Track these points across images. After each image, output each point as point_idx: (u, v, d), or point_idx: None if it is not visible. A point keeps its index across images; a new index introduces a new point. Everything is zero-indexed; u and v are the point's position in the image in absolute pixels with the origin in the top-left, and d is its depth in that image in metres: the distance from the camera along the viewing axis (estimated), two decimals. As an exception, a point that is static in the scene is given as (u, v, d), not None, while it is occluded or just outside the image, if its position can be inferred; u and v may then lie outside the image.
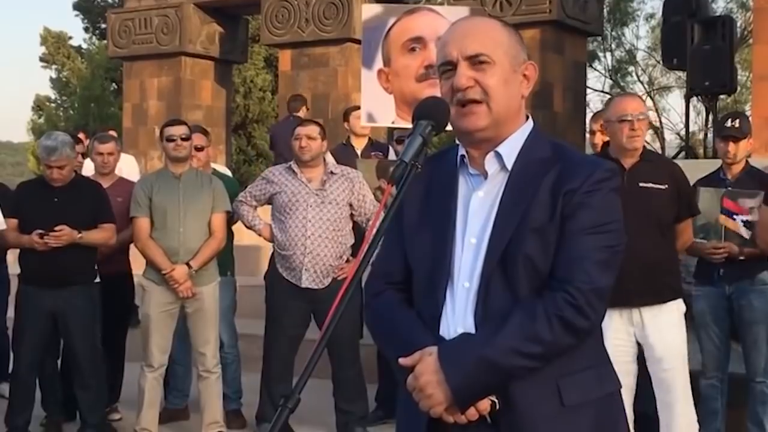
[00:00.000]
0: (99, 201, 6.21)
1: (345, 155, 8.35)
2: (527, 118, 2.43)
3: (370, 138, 9.07)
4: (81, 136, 9.09)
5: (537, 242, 2.25)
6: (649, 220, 4.77)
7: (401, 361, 2.27)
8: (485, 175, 2.36)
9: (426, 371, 2.22)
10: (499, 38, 2.34)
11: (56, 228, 5.91)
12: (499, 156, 2.34)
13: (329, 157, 7.74)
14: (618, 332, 4.82)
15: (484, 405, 2.24)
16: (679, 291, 4.94)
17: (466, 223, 2.34)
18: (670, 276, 4.92)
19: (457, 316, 2.30)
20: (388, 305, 2.41)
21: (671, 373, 4.88)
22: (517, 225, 2.25)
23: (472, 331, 2.27)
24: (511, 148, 2.35)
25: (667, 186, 4.85)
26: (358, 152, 8.69)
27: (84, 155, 6.89)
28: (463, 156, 2.39)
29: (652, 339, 4.84)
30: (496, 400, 2.24)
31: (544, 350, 2.20)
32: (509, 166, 2.33)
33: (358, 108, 8.74)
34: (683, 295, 4.99)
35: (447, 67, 2.34)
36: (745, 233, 5.47)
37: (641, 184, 4.81)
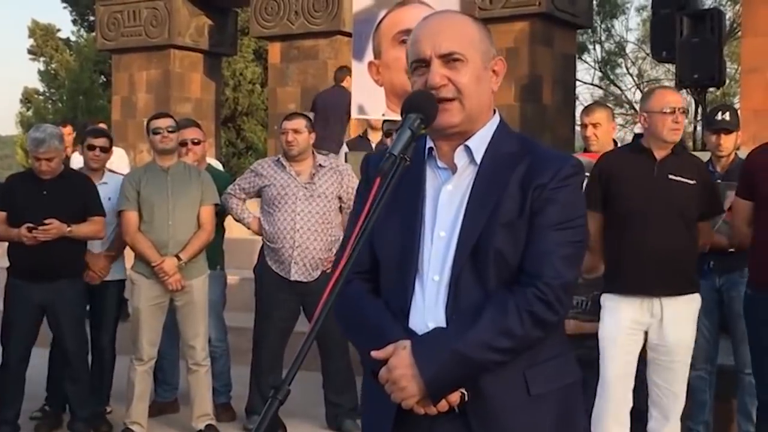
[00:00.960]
0: (88, 194, 6.19)
1: (361, 148, 8.37)
2: (494, 112, 2.44)
3: (366, 129, 9.06)
4: (67, 129, 9.02)
5: (507, 236, 2.28)
6: (674, 212, 4.80)
7: (374, 354, 2.29)
8: (454, 169, 2.38)
9: (400, 365, 2.24)
10: (470, 35, 2.35)
11: (45, 221, 5.89)
12: (468, 150, 2.36)
13: (344, 148, 7.73)
14: (635, 323, 4.87)
15: (455, 397, 2.28)
16: (695, 285, 4.97)
17: (435, 216, 2.36)
18: (689, 270, 4.94)
19: (428, 310, 2.33)
20: (356, 294, 2.42)
21: (679, 365, 4.93)
22: (488, 219, 2.28)
23: (443, 324, 2.30)
24: (479, 142, 2.37)
25: (695, 182, 4.86)
26: (373, 145, 8.69)
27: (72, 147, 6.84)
28: (431, 149, 2.41)
29: (667, 330, 4.86)
30: (466, 392, 2.28)
31: (515, 344, 2.25)
32: (478, 160, 2.36)
33: None
34: (699, 290, 5.02)
35: (420, 64, 2.35)
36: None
37: (671, 176, 4.83)
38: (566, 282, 2.28)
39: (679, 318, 4.88)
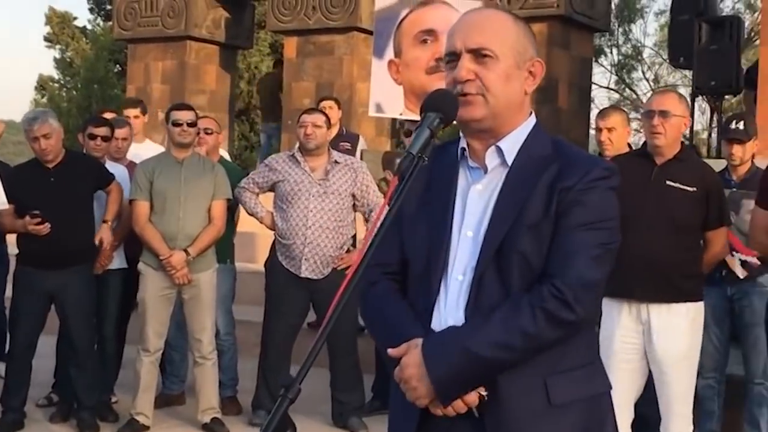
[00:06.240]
0: (95, 170, 6.20)
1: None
2: (530, 113, 2.42)
3: (342, 128, 8.99)
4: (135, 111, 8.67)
5: (531, 239, 2.26)
6: (668, 220, 4.68)
7: (390, 351, 2.29)
8: (485, 169, 2.36)
9: (410, 363, 2.24)
10: (506, 33, 2.33)
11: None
12: (500, 151, 2.35)
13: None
14: (627, 330, 4.76)
15: (472, 398, 2.24)
16: (692, 295, 4.77)
17: (464, 215, 2.34)
18: (683, 279, 4.75)
19: (449, 309, 2.31)
20: (382, 295, 2.42)
21: (669, 377, 4.74)
22: (513, 221, 2.26)
23: (462, 324, 2.28)
24: (512, 144, 2.35)
25: (695, 189, 4.73)
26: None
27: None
28: (463, 149, 2.40)
29: (655, 339, 4.72)
30: (485, 393, 2.24)
31: (528, 343, 2.21)
32: (509, 162, 2.34)
33: (324, 99, 8.73)
34: (700, 300, 4.85)
35: (452, 57, 2.35)
36: (740, 273, 5.43)
37: (668, 182, 4.72)
38: (587, 283, 2.23)
39: (668, 328, 4.71)
